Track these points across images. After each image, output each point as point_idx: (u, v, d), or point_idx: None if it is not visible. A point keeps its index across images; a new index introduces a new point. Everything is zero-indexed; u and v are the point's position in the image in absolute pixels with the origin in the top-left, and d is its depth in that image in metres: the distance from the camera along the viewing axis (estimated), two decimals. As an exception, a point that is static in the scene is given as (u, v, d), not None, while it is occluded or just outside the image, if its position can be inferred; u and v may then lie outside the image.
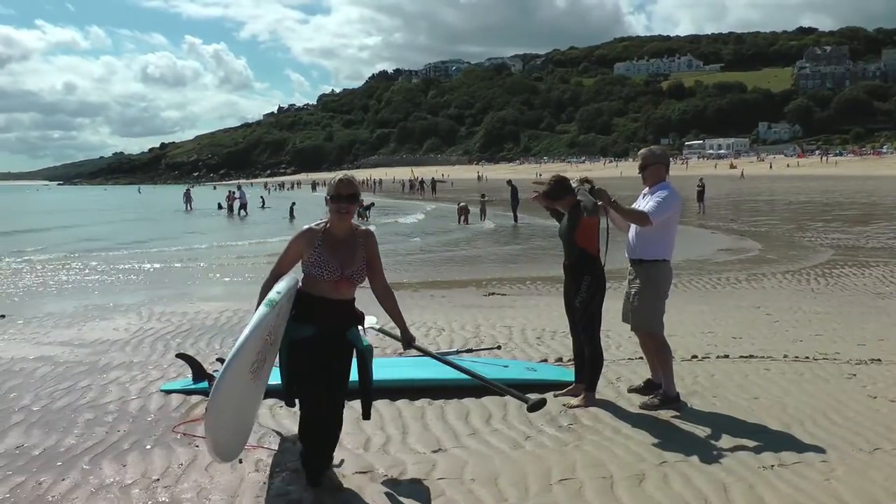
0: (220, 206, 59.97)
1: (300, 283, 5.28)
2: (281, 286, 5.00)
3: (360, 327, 5.41)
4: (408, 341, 5.68)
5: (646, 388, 7.32)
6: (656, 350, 7.13)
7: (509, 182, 42.23)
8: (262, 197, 62.91)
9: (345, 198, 5.20)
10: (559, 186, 7.23)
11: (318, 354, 5.12)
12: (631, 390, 7.42)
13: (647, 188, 7.21)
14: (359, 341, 5.32)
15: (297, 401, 5.28)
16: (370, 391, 5.47)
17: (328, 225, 5.27)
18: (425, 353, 6.30)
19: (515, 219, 38.56)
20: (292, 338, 5.15)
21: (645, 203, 7.04)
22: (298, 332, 5.15)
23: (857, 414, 6.76)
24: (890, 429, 6.35)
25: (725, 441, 6.09)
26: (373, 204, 47.29)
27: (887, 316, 12.06)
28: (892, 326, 11.01)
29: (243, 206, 54.13)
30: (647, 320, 7.04)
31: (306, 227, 5.31)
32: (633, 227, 7.12)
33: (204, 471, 5.54)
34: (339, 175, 5.37)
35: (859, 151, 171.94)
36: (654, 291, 7.02)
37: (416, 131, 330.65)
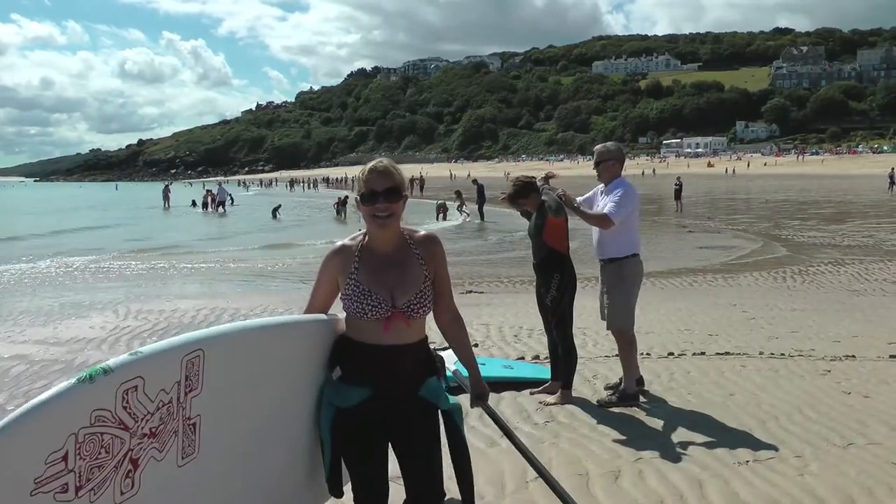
0: (193, 204, 60.18)
1: (338, 324, 3.69)
2: (146, 350, 2.78)
3: (438, 377, 3.76)
4: (478, 395, 3.93)
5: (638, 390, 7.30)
6: (622, 346, 7.13)
7: (475, 181, 42.40)
8: (230, 195, 62.79)
9: (381, 195, 3.48)
10: (523, 188, 7.28)
11: (376, 428, 3.57)
12: (608, 388, 7.43)
13: (603, 185, 7.23)
14: (440, 398, 3.67)
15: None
16: (469, 470, 3.78)
17: (366, 238, 3.63)
18: (495, 419, 4.22)
19: (482, 216, 38.61)
20: (338, 406, 3.53)
21: (603, 203, 7.06)
22: (345, 397, 3.52)
23: (832, 409, 6.81)
24: (863, 424, 6.39)
25: (701, 437, 6.12)
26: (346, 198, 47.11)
27: (861, 313, 12.14)
28: (866, 323, 11.09)
29: (221, 203, 53.86)
30: (619, 318, 7.05)
31: (338, 244, 3.68)
32: (595, 228, 7.12)
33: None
34: (369, 164, 3.60)
35: (835, 151, 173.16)
36: (626, 288, 7.03)
37: (394, 129, 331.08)
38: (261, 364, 3.20)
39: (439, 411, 3.66)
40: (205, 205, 55.39)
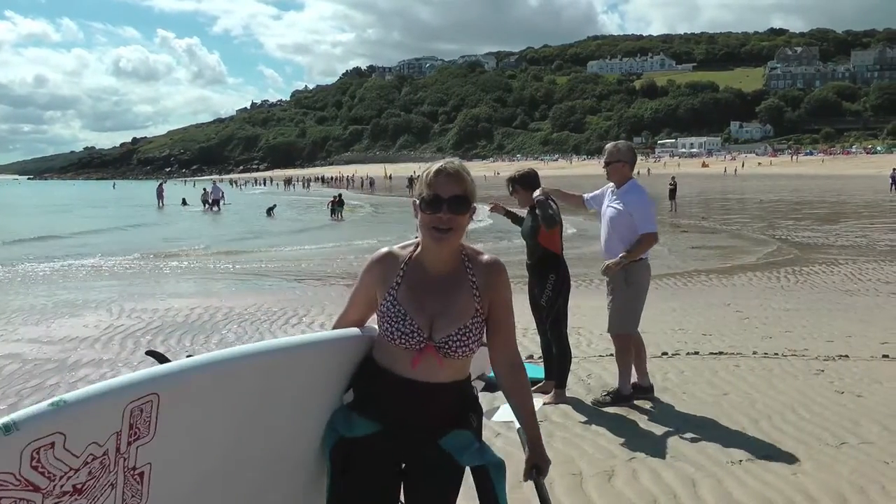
0: (184, 202, 60.66)
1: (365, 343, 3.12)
2: (72, 398, 2.32)
3: (472, 431, 3.09)
4: (535, 464, 3.16)
5: (633, 392, 7.22)
6: (618, 349, 7.08)
7: None
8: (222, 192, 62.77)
9: (446, 203, 2.87)
10: (525, 177, 7.37)
11: (380, 468, 3.02)
12: (608, 393, 7.36)
13: (614, 185, 7.11)
14: (463, 454, 3.02)
15: None
16: None
17: (418, 249, 3.05)
18: (542, 498, 3.15)
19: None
20: (341, 434, 2.99)
21: (625, 213, 6.87)
22: (350, 425, 2.98)
23: (825, 409, 6.82)
24: (856, 423, 6.41)
25: (694, 437, 6.13)
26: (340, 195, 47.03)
27: (855, 312, 12.16)
28: (859, 323, 11.11)
29: (216, 202, 53.72)
30: (618, 322, 6.98)
31: (383, 250, 3.12)
32: (605, 229, 7.05)
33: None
34: (436, 163, 2.98)
35: (829, 151, 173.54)
36: (634, 292, 6.93)
37: (389, 128, 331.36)
38: (244, 399, 2.69)
39: (469, 469, 3.05)
40: (204, 202, 55.24)
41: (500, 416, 4.07)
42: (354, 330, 3.12)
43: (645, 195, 7.01)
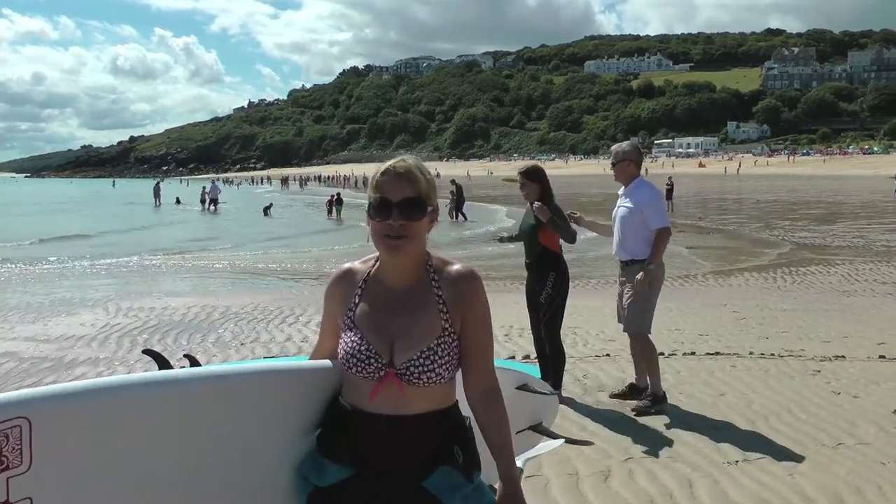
0: (177, 202, 60.80)
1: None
2: None
3: (457, 468, 2.59)
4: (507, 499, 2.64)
5: (630, 393, 7.22)
6: (643, 351, 7.07)
7: (453, 181, 42.48)
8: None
9: (395, 207, 2.54)
10: (533, 171, 7.38)
11: None
12: (613, 396, 7.36)
13: (623, 185, 7.17)
14: (451, 496, 2.57)
15: None
16: None
17: (378, 262, 2.72)
18: None
19: (457, 217, 38.45)
20: (315, 484, 2.62)
21: (636, 211, 6.92)
22: (321, 473, 2.61)
23: (821, 410, 6.83)
24: (853, 424, 6.42)
25: (691, 437, 6.14)
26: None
27: (851, 313, 12.17)
28: (856, 323, 11.12)
29: (213, 201, 53.53)
30: (639, 322, 6.98)
31: (343, 267, 2.82)
32: (619, 227, 7.08)
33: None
34: (386, 163, 2.66)
35: (826, 151, 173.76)
36: (653, 290, 6.98)
37: (386, 127, 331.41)
38: (162, 432, 2.34)
39: None
40: (203, 201, 55.07)
41: (537, 450, 3.70)
42: (324, 362, 2.71)
43: (653, 190, 7.09)
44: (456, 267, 2.66)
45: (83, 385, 2.23)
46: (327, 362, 2.69)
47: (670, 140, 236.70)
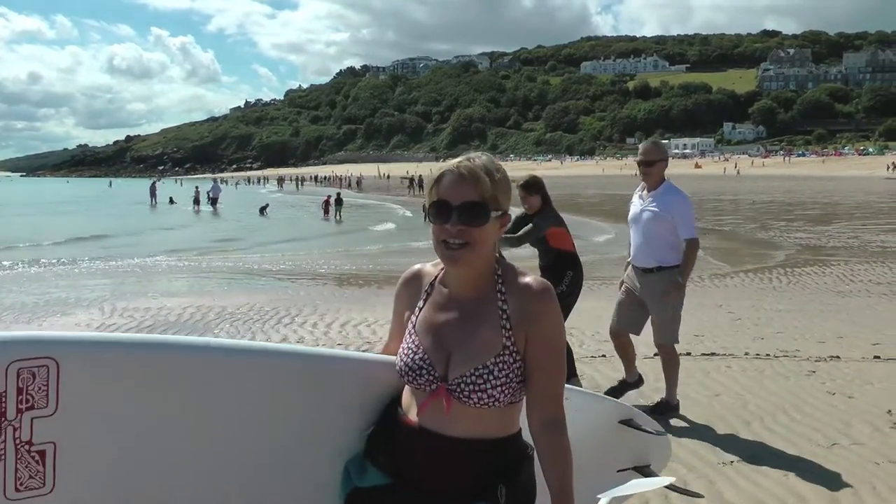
0: (171, 201, 60.89)
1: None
2: None
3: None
4: None
5: (620, 388, 7.17)
6: (670, 361, 6.79)
7: None
8: (207, 192, 62.92)
9: (455, 211, 2.31)
10: (532, 184, 7.39)
11: None
12: (606, 393, 7.36)
13: (644, 187, 6.83)
14: None
15: None
16: None
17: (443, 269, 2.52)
18: None
19: None
20: (355, 484, 2.52)
21: (664, 216, 6.59)
22: (362, 473, 2.52)
23: (816, 410, 6.84)
24: (848, 424, 6.43)
25: (686, 437, 6.14)
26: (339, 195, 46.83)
27: (847, 314, 12.18)
28: (851, 324, 11.13)
29: (214, 200, 53.24)
30: (670, 332, 6.71)
31: (414, 268, 2.64)
32: (643, 232, 6.71)
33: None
34: (446, 164, 2.40)
35: (821, 152, 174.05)
36: (678, 299, 6.66)
37: (382, 128, 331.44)
38: (207, 399, 2.33)
39: None
40: (196, 201, 54.87)
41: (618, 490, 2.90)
42: (391, 358, 2.56)
43: (686, 198, 6.74)
44: (527, 279, 2.41)
45: (119, 337, 2.25)
46: (393, 360, 2.53)
47: (666, 141, 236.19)
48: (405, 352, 2.43)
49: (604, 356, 8.90)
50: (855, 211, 40.76)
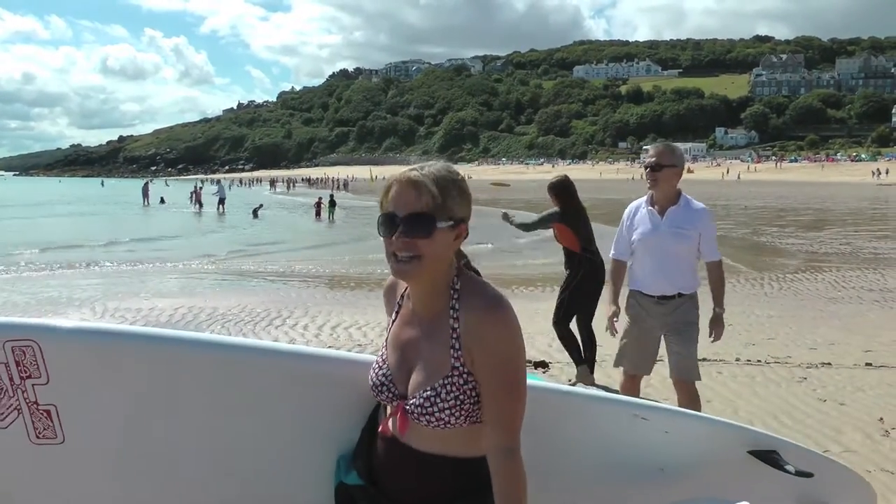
0: (162, 201, 61.16)
1: None
2: None
3: None
4: None
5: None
6: (693, 401, 5.59)
7: None
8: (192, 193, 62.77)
9: (403, 222, 2.23)
10: (557, 186, 8.21)
11: None
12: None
13: (653, 200, 5.72)
14: None
15: None
16: None
17: None
18: None
19: None
20: (342, 479, 2.58)
21: (689, 238, 5.58)
22: (347, 471, 2.57)
23: (807, 417, 6.85)
24: (839, 431, 6.44)
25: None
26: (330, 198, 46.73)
27: (838, 320, 12.20)
28: (842, 331, 11.15)
29: (221, 201, 52.55)
30: (696, 368, 5.74)
31: (391, 277, 2.52)
32: (657, 256, 5.63)
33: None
34: (396, 174, 2.31)
35: (814, 158, 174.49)
36: (698, 328, 5.71)
37: (375, 130, 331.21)
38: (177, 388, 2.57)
39: None
40: (199, 203, 54.69)
41: None
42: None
43: (711, 214, 5.82)
44: (480, 294, 2.28)
45: (87, 326, 2.58)
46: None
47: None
48: (374, 366, 2.44)
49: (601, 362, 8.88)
50: (847, 217, 40.84)
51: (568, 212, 8.01)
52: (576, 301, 7.98)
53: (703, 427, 3.05)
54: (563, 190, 8.11)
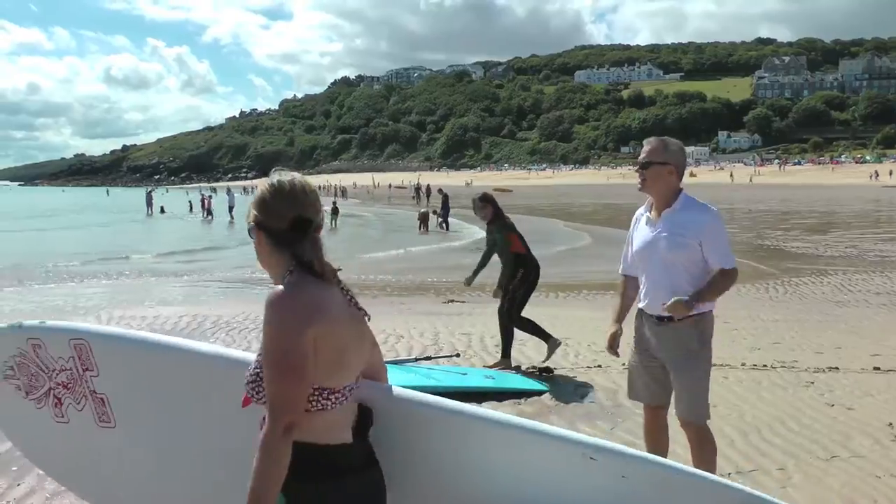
0: (162, 210, 61.42)
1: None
2: (27, 323, 3.34)
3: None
4: None
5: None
6: (703, 444, 4.82)
7: (440, 190, 42.36)
8: (190, 201, 62.48)
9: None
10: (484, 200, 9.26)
11: None
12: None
13: (652, 205, 4.88)
14: None
15: None
16: None
17: None
18: None
19: (446, 227, 38.21)
20: None
21: (690, 245, 4.63)
22: None
23: (814, 422, 6.80)
24: (847, 436, 6.39)
25: (682, 449, 6.09)
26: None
27: (845, 324, 12.15)
28: (849, 334, 11.10)
29: (230, 209, 52.42)
30: (703, 404, 4.77)
31: None
32: (656, 269, 4.75)
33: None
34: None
35: (817, 161, 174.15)
36: (707, 355, 4.72)
37: (377, 137, 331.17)
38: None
39: None
40: (208, 212, 54.87)
41: None
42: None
43: (717, 215, 4.81)
44: (276, 288, 2.58)
45: (124, 333, 3.30)
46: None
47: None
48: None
49: (599, 366, 8.85)
50: (852, 220, 40.74)
51: (507, 222, 9.11)
52: (527, 294, 8.97)
53: (673, 477, 2.66)
54: (495, 202, 9.24)
